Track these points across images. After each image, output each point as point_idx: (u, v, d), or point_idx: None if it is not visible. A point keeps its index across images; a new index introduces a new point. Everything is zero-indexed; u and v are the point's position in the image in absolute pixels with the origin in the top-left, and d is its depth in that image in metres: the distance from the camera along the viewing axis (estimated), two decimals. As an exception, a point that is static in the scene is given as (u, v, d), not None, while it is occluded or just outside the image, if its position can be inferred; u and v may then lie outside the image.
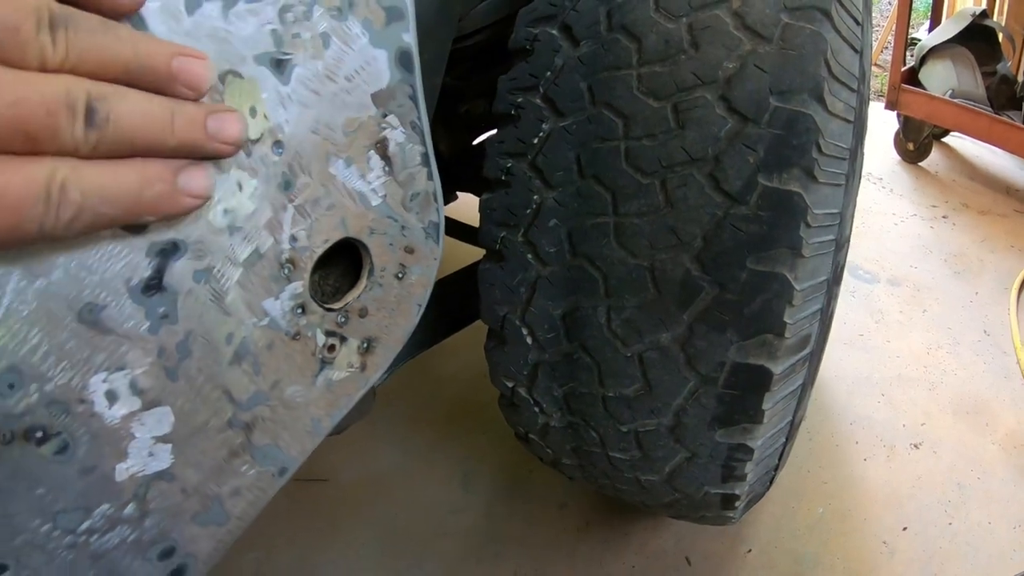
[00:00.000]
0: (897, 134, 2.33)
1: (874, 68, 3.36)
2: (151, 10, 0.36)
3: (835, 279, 0.80)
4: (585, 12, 0.68)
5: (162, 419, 0.41)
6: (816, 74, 0.60)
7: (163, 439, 0.41)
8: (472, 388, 1.53)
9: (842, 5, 0.65)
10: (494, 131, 0.73)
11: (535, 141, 0.68)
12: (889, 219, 2.02)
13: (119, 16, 0.34)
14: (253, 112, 0.40)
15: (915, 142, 2.29)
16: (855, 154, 0.77)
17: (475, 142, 1.16)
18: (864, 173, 2.23)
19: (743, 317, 0.63)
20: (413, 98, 0.47)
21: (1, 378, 0.35)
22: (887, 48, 3.33)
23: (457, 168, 1.11)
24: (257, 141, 0.40)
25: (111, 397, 0.39)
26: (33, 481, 0.38)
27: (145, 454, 0.41)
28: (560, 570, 1.16)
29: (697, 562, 1.16)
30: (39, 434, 0.38)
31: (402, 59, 0.46)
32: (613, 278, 0.65)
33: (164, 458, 0.42)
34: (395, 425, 1.44)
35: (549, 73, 0.68)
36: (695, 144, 0.62)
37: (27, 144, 0.30)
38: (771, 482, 0.89)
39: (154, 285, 0.38)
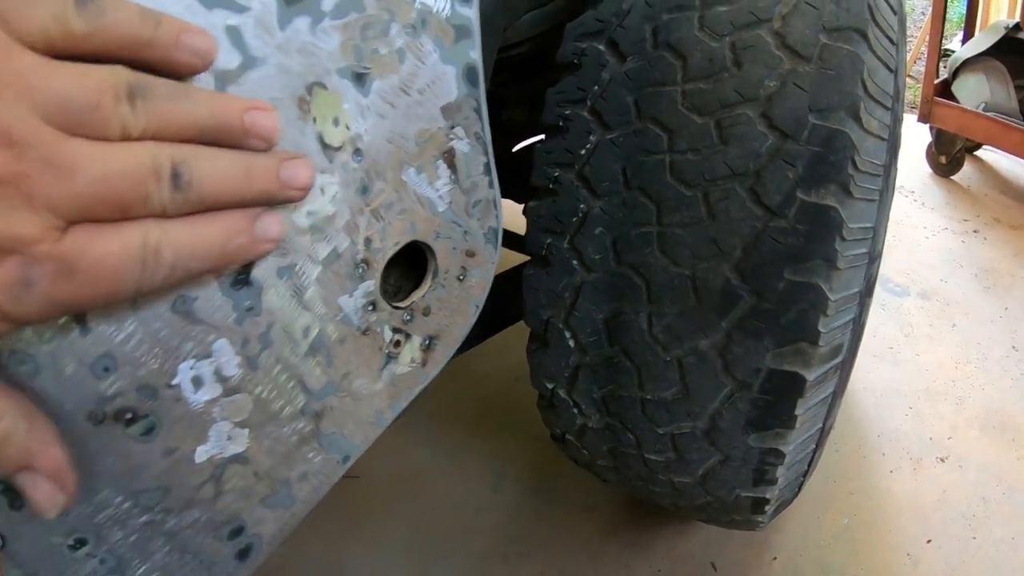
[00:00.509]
0: (929, 147, 2.33)
1: (907, 79, 3.34)
2: (247, 25, 0.39)
3: (867, 291, 0.82)
4: (631, 29, 0.71)
5: (241, 405, 0.44)
6: (853, 93, 0.63)
7: (241, 424, 0.44)
8: (504, 390, 1.56)
9: (878, 26, 0.67)
10: (534, 139, 0.76)
11: (582, 152, 0.70)
12: (920, 232, 2.03)
13: (192, 75, 0.36)
14: (336, 121, 0.43)
15: (947, 155, 2.28)
16: (889, 170, 0.79)
17: (514, 149, 1.19)
18: (897, 186, 2.23)
19: (779, 325, 0.65)
20: (478, 111, 0.49)
21: (97, 362, 0.38)
22: (920, 59, 3.32)
23: (500, 174, 1.14)
24: (339, 149, 0.43)
25: (197, 383, 0.41)
26: (118, 460, 0.41)
27: (224, 438, 0.44)
28: (585, 572, 1.18)
29: (723, 568, 1.17)
30: (128, 416, 0.40)
31: (469, 75, 0.49)
32: (655, 285, 0.68)
33: (241, 442, 0.45)
34: (426, 424, 1.47)
35: (596, 87, 0.71)
36: (737, 159, 0.64)
37: (119, 213, 0.32)
38: (800, 488, 0.91)
39: (242, 280, 0.41)
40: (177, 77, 0.35)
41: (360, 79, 0.43)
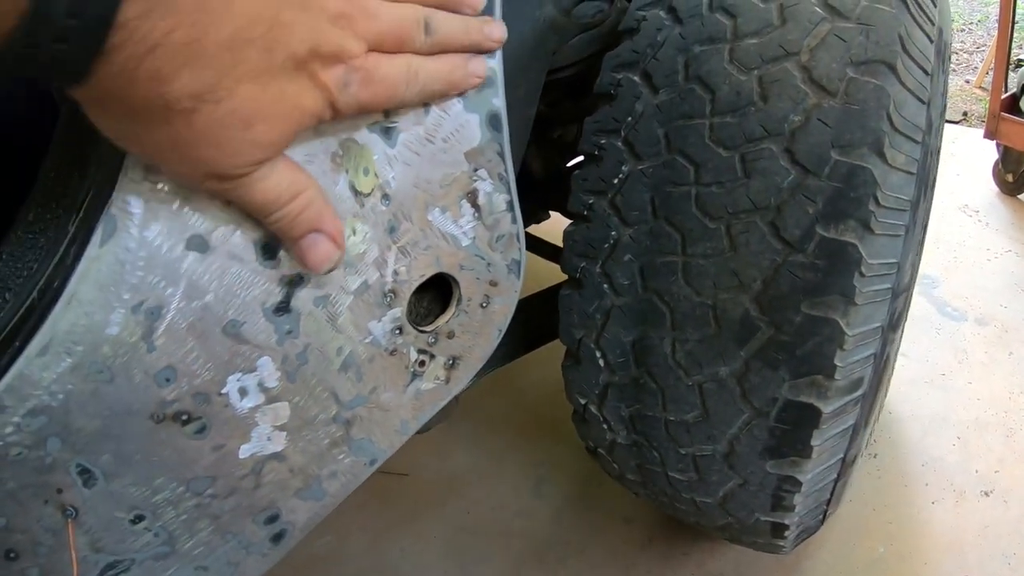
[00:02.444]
0: (996, 164, 2.25)
1: (977, 91, 3.25)
2: None
3: (891, 326, 0.83)
4: (665, 61, 0.73)
5: (280, 412, 0.50)
6: (877, 128, 0.64)
7: (280, 428, 0.50)
8: (549, 401, 1.59)
9: (910, 57, 0.68)
10: (580, 159, 0.80)
11: (615, 181, 0.74)
12: (983, 254, 1.97)
13: None
14: (366, 172, 0.48)
15: (1014, 173, 2.20)
16: (918, 204, 0.79)
17: (568, 164, 1.23)
18: (959, 205, 2.18)
19: (795, 357, 0.67)
20: (500, 154, 0.54)
21: (160, 373, 0.45)
22: (992, 71, 3.21)
23: (549, 189, 1.18)
24: (368, 195, 0.49)
25: (242, 392, 0.48)
26: (175, 453, 0.48)
27: (264, 438, 0.50)
28: (619, 581, 1.21)
29: (753, 587, 1.19)
30: (184, 417, 0.47)
31: (492, 121, 0.53)
32: (679, 312, 0.71)
33: (279, 443, 0.51)
34: (475, 429, 1.52)
35: (630, 118, 0.74)
36: (759, 193, 0.66)
37: (397, 46, 0.47)
38: (824, 517, 0.92)
39: (283, 308, 0.47)
40: None
41: (387, 132, 0.49)
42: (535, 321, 0.98)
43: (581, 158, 0.80)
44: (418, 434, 0.86)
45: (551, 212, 1.36)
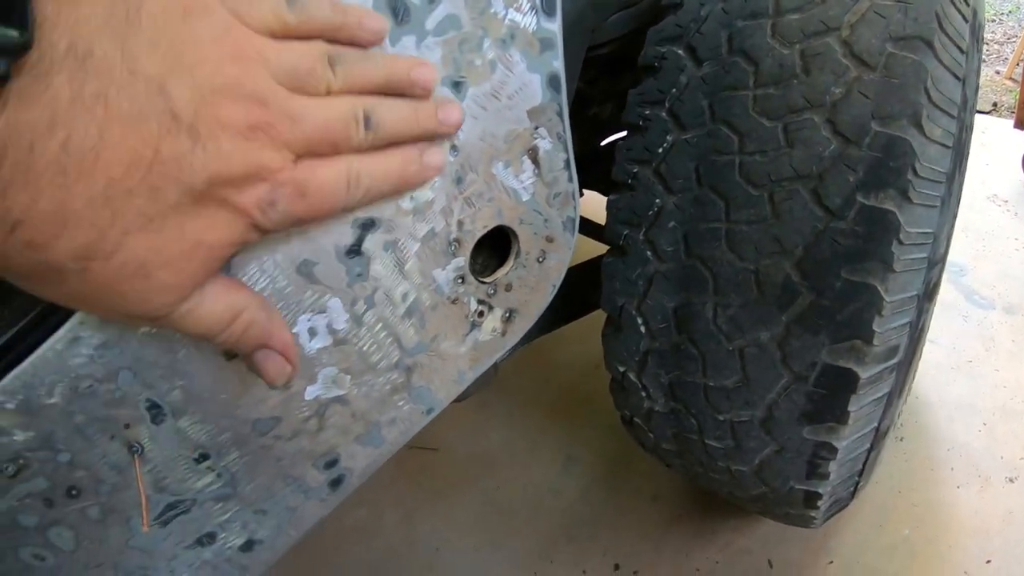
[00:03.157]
0: (1025, 154, 2.25)
1: (1007, 82, 3.23)
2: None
3: (927, 295, 0.84)
4: (708, 35, 0.75)
5: (347, 355, 0.52)
6: (915, 101, 0.66)
7: (345, 371, 0.52)
8: (580, 379, 1.62)
9: (946, 34, 0.69)
10: (619, 135, 0.81)
11: (660, 151, 0.76)
12: (1012, 244, 1.97)
13: (372, 46, 0.46)
14: None
15: (1044, 163, 2.20)
16: (953, 177, 0.81)
17: (602, 144, 1.25)
18: (989, 194, 2.17)
19: (835, 322, 0.69)
20: (560, 114, 0.56)
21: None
22: (1022, 62, 3.19)
23: (584, 168, 1.20)
24: None
25: (312, 333, 0.50)
26: (244, 391, 0.49)
27: (330, 381, 0.52)
28: (647, 557, 1.23)
29: (779, 566, 1.20)
30: None
31: (552, 82, 0.55)
32: (722, 278, 0.73)
33: (343, 386, 0.53)
34: (506, 406, 1.55)
35: (674, 90, 0.76)
36: (801, 162, 0.68)
37: (331, 149, 0.42)
38: (855, 489, 0.93)
39: (354, 250, 0.49)
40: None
41: (457, 86, 0.50)
42: (572, 293, 1.00)
43: (615, 137, 0.82)
44: (454, 403, 0.88)
45: (584, 191, 1.38)
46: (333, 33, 0.43)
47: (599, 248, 0.87)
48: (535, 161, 0.55)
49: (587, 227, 1.27)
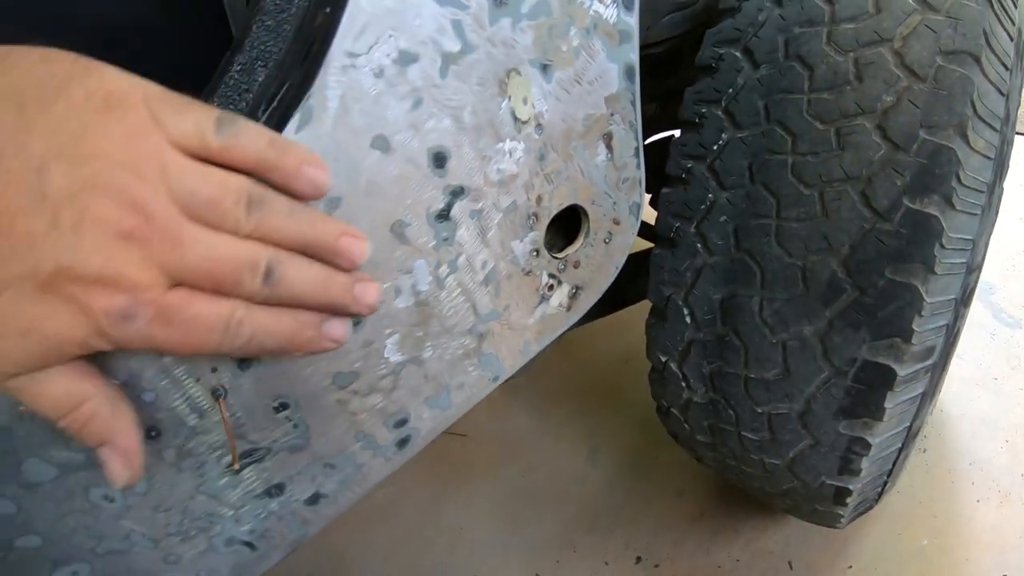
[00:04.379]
0: (1059, 182, 2.25)
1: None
2: (466, 20, 0.50)
3: (964, 300, 0.86)
4: (765, 39, 0.78)
5: (426, 316, 0.54)
6: (962, 113, 0.68)
7: (423, 332, 0.55)
8: (610, 372, 1.64)
9: (993, 52, 0.72)
10: (661, 134, 0.84)
11: (714, 147, 0.79)
12: (1041, 266, 1.98)
13: (308, 200, 0.44)
14: (526, 101, 0.53)
15: (1077, 192, 2.20)
16: (994, 188, 0.83)
17: (645, 142, 1.27)
18: (1021, 215, 2.18)
19: (877, 319, 0.71)
20: (633, 103, 0.59)
21: None
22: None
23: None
24: (526, 123, 0.54)
25: (397, 292, 0.52)
26: None
27: (409, 341, 0.55)
28: (668, 551, 1.24)
29: (799, 568, 1.21)
30: None
31: (628, 72, 0.58)
32: (769, 272, 0.75)
33: (420, 347, 0.55)
34: (535, 396, 1.58)
35: (731, 90, 0.79)
36: (851, 164, 0.71)
37: (214, 288, 0.40)
38: (882, 491, 0.95)
39: (443, 215, 0.52)
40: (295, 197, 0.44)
41: (545, 69, 0.53)
42: (615, 286, 1.02)
43: (656, 136, 0.84)
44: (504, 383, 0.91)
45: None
46: (263, 172, 0.41)
47: (637, 244, 0.90)
48: (609, 146, 0.58)
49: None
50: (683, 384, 0.88)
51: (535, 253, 0.57)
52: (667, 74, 1.09)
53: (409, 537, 1.30)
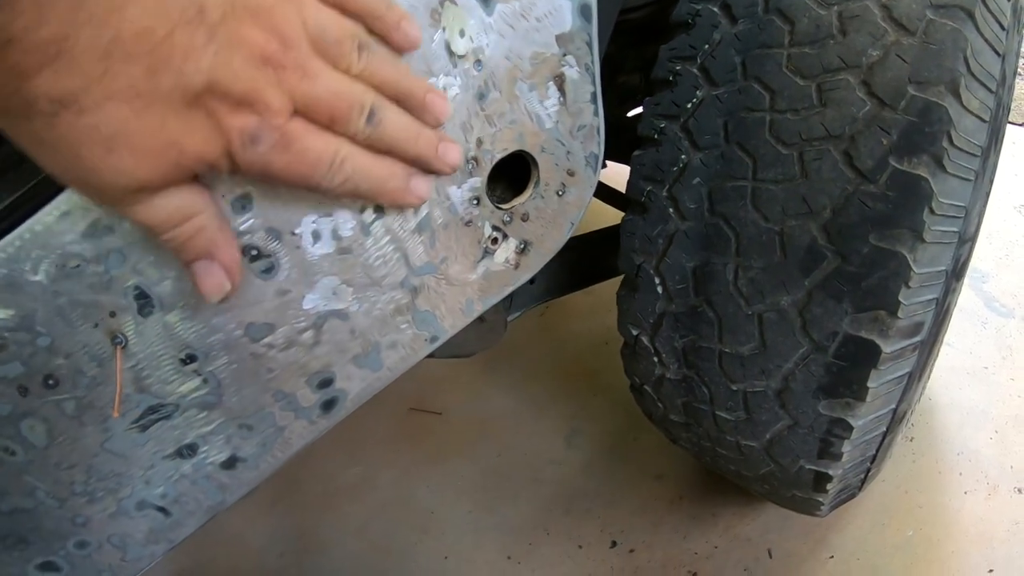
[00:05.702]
0: (1057, 170, 2.20)
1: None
2: None
3: (955, 273, 0.82)
4: (744, -8, 0.74)
5: (350, 265, 0.50)
6: (954, 69, 0.64)
7: (347, 283, 0.51)
8: (589, 353, 1.60)
9: (987, 8, 0.68)
10: (648, 98, 0.80)
11: (688, 106, 0.74)
12: (1035, 254, 1.93)
13: (402, 52, 0.47)
14: (462, 33, 0.49)
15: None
16: (988, 154, 0.79)
17: (628, 114, 1.23)
18: (1016, 204, 2.12)
19: (860, 290, 0.67)
20: (589, 44, 0.54)
21: (237, 200, 0.45)
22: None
23: (609, 137, 1.18)
24: (462, 57, 0.49)
25: (315, 236, 0.48)
26: (238, 291, 0.47)
27: (329, 292, 0.50)
28: (645, 536, 1.21)
29: (778, 557, 1.18)
30: (254, 252, 0.47)
31: (583, 10, 0.53)
32: (745, 238, 0.71)
33: (344, 299, 0.51)
34: (512, 374, 1.54)
35: (707, 46, 0.74)
36: (834, 122, 0.66)
37: (328, 122, 0.42)
38: (865, 478, 0.91)
39: None
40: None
41: (486, 1, 0.48)
42: (589, 258, 0.98)
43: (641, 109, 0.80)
44: (461, 358, 0.86)
45: (607, 162, 1.36)
46: (371, 20, 0.44)
47: (616, 217, 0.85)
48: (561, 89, 0.53)
49: (606, 193, 1.26)
50: (655, 359, 0.83)
51: (475, 202, 0.53)
52: (648, 41, 1.04)
53: (378, 516, 1.27)
